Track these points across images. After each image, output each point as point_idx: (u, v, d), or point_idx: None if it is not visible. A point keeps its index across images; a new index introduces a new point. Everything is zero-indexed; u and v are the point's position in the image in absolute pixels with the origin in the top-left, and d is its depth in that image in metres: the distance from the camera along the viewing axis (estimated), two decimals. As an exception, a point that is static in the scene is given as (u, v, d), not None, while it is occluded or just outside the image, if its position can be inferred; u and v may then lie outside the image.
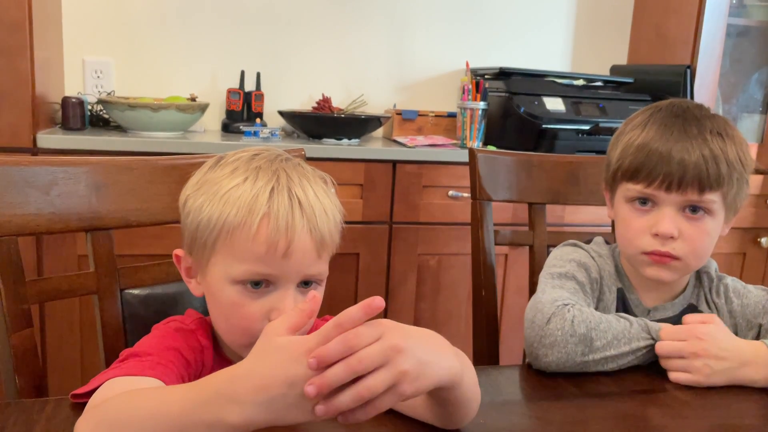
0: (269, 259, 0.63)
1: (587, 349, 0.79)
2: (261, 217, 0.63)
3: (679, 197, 0.84)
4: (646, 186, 0.85)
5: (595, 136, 1.89)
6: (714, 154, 0.83)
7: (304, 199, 0.65)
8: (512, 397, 0.77)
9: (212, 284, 0.68)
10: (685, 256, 0.85)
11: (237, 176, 0.66)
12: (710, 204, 0.84)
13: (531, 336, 0.81)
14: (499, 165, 1.17)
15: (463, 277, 1.85)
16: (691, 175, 0.82)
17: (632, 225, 0.88)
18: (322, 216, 0.65)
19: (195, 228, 0.67)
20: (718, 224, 0.87)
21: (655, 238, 0.85)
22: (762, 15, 2.11)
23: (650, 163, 0.84)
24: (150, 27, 1.97)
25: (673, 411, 0.74)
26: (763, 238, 2.03)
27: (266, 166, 0.66)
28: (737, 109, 2.18)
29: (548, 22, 2.28)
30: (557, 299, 0.83)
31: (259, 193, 0.64)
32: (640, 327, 0.83)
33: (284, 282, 0.65)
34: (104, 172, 0.85)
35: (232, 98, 1.97)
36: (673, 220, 0.84)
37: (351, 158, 1.74)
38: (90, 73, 1.95)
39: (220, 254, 0.66)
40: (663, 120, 0.87)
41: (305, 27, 2.09)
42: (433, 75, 2.21)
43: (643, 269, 0.89)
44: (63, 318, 1.61)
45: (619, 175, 0.89)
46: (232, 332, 0.68)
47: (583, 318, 0.80)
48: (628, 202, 0.89)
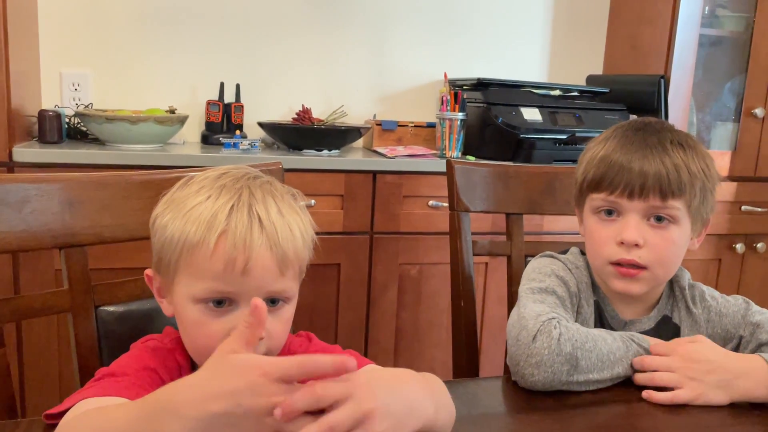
0: (228, 276, 0.63)
1: (572, 369, 0.78)
2: (219, 234, 0.63)
3: (642, 204, 0.85)
4: (608, 194, 0.87)
5: (572, 146, 1.92)
6: (675, 163, 0.84)
7: (264, 215, 0.64)
8: (490, 410, 0.78)
9: (178, 304, 0.68)
10: (651, 264, 0.86)
11: (201, 194, 0.66)
12: (674, 211, 0.85)
13: (517, 354, 0.80)
14: (476, 176, 1.18)
15: (444, 286, 1.86)
16: (652, 181, 0.84)
17: (598, 235, 0.89)
18: (285, 232, 0.65)
19: (161, 247, 0.67)
20: (685, 233, 0.88)
21: (621, 247, 0.86)
22: (733, 25, 2.16)
23: (611, 172, 0.86)
24: (128, 39, 1.96)
25: (652, 422, 0.74)
26: (738, 244, 2.07)
27: (231, 184, 0.66)
28: (711, 118, 2.22)
29: (525, 34, 2.30)
30: (540, 314, 0.82)
31: (219, 210, 0.64)
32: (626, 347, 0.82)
33: (246, 300, 0.64)
34: (78, 188, 0.85)
35: (211, 110, 1.96)
36: (637, 227, 0.85)
37: (331, 169, 1.74)
38: (67, 85, 1.94)
39: (182, 273, 0.66)
40: (624, 134, 0.89)
41: (285, 38, 2.09)
42: (413, 86, 2.22)
43: (611, 283, 0.89)
44: (41, 334, 1.59)
45: (584, 187, 0.90)
46: (197, 352, 0.68)
47: (570, 336, 0.79)
48: (595, 214, 0.90)
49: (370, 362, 0.72)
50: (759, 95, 2.08)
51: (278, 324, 0.67)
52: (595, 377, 0.80)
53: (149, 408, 0.51)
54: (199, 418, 0.47)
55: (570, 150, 1.92)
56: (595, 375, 0.80)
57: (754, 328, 0.89)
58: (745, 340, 0.90)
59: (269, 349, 0.66)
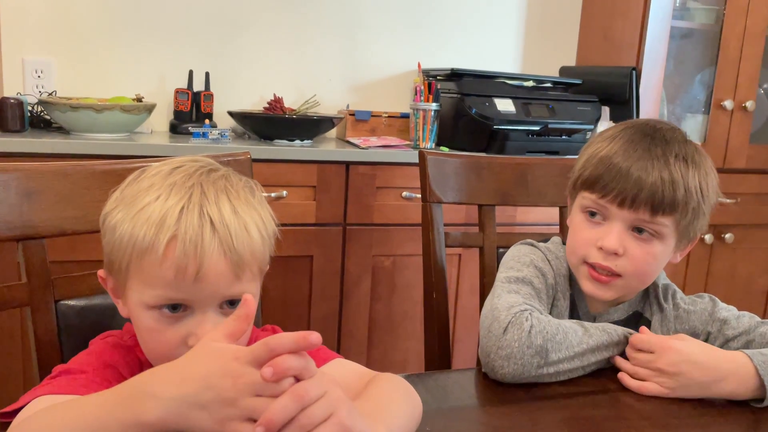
0: (179, 284, 0.60)
1: (543, 361, 0.78)
2: (168, 239, 0.59)
3: (630, 215, 0.83)
4: (600, 197, 0.85)
5: (544, 137, 1.92)
6: (673, 178, 0.82)
7: (217, 217, 0.60)
8: (460, 402, 0.77)
9: (131, 309, 0.65)
10: (627, 274, 0.85)
11: (151, 193, 0.62)
12: (661, 228, 0.84)
13: (487, 346, 0.79)
14: (448, 167, 1.17)
15: (417, 277, 1.85)
16: (646, 194, 0.82)
17: (581, 235, 0.88)
18: (239, 235, 0.61)
19: (111, 249, 0.64)
20: (667, 250, 0.86)
21: (599, 252, 0.85)
22: (704, 18, 2.18)
23: (608, 176, 0.84)
24: (93, 25, 1.91)
25: (620, 413, 0.75)
26: (706, 234, 2.10)
27: (182, 182, 0.62)
28: (681, 110, 2.24)
29: (499, 24, 2.30)
30: (513, 305, 0.81)
31: (168, 212, 0.60)
32: (599, 337, 0.82)
33: (201, 306, 0.62)
34: (36, 178, 0.82)
35: (180, 98, 1.92)
36: (619, 236, 0.84)
37: (303, 160, 1.72)
38: (30, 72, 1.88)
39: (133, 278, 0.63)
40: (631, 136, 0.86)
41: (256, 25, 2.06)
42: (387, 75, 2.20)
43: (582, 283, 0.89)
44: (3, 329, 1.55)
45: (579, 183, 0.89)
46: (153, 357, 0.65)
47: (541, 328, 0.78)
48: (582, 212, 0.89)
49: (338, 356, 0.71)
50: (728, 87, 2.10)
51: None
52: (565, 367, 0.80)
53: (127, 392, 0.51)
54: (173, 398, 0.48)
55: (543, 141, 1.92)
56: (566, 365, 0.80)
57: (721, 325, 0.90)
58: (713, 336, 0.91)
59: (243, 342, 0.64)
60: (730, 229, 2.13)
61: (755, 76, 2.12)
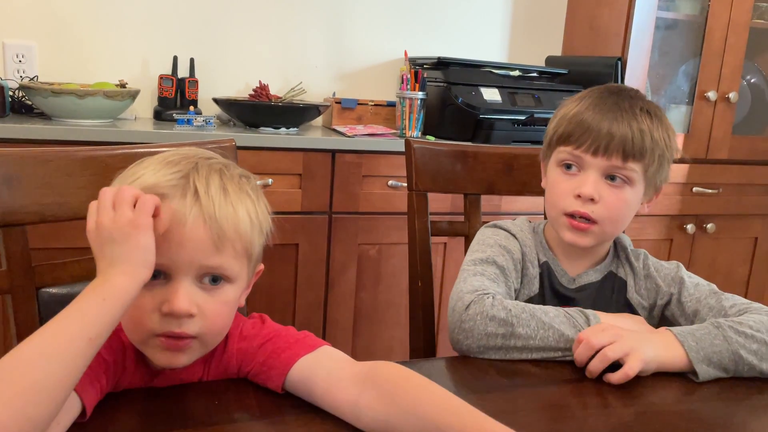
0: (159, 246, 0.61)
1: (508, 332, 0.81)
2: None
3: (604, 162, 0.90)
4: (575, 148, 0.92)
5: (530, 127, 1.93)
6: (641, 128, 0.90)
7: (203, 189, 0.63)
8: (444, 389, 0.77)
9: None
10: (602, 220, 0.92)
11: (149, 169, 0.65)
12: (631, 173, 0.91)
13: (452, 322, 0.85)
14: (434, 156, 1.17)
15: (403, 266, 1.85)
16: (617, 142, 0.89)
17: (559, 187, 0.94)
18: (223, 208, 0.64)
19: None
20: (637, 196, 0.94)
21: (577, 200, 0.92)
22: (689, 9, 2.19)
23: (581, 129, 0.91)
24: (76, 8, 1.88)
25: (599, 399, 0.76)
26: (688, 224, 2.12)
27: (177, 161, 0.66)
28: (665, 100, 2.26)
29: (486, 13, 2.29)
30: (477, 288, 0.86)
31: (159, 182, 0.64)
32: (568, 318, 0.83)
33: (177, 273, 0.63)
34: (17, 163, 0.81)
35: (164, 85, 1.90)
36: (595, 184, 0.91)
37: (289, 147, 1.71)
38: (11, 57, 1.85)
39: None
40: (599, 95, 0.94)
41: (242, 10, 2.04)
42: (373, 63, 2.20)
43: (562, 233, 0.94)
44: (-17, 316, 1.53)
45: (554, 140, 0.95)
46: (128, 328, 0.66)
47: (504, 305, 0.83)
48: (559, 166, 0.95)
49: (326, 344, 0.71)
50: (712, 78, 2.12)
51: (215, 304, 0.65)
52: (538, 343, 0.82)
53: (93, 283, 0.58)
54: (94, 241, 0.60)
55: (529, 131, 1.92)
56: (538, 341, 0.82)
57: (680, 287, 0.97)
58: (675, 298, 0.97)
59: (202, 329, 0.64)
60: (712, 219, 2.15)
61: (739, 68, 2.14)
